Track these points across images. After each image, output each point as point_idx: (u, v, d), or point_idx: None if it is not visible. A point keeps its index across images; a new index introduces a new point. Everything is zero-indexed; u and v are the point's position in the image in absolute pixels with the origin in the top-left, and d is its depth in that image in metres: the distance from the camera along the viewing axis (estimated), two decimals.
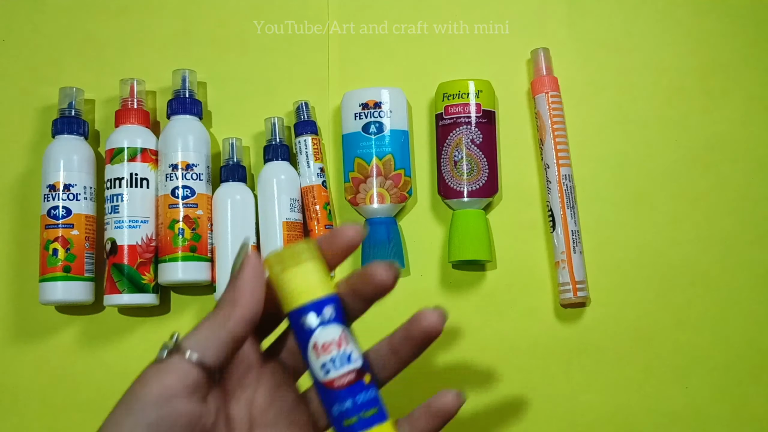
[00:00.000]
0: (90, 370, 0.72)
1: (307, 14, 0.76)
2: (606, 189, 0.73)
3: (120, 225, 0.69)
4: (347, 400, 0.39)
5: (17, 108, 0.75)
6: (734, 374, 0.69)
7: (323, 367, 0.39)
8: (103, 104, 0.75)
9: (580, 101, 0.74)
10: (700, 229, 0.72)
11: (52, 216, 0.69)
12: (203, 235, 0.69)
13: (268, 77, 0.76)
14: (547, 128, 0.71)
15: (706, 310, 0.70)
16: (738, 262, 0.71)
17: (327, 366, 0.39)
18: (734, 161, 0.72)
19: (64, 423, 0.71)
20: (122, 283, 0.68)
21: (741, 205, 0.72)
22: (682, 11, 0.75)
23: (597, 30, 0.75)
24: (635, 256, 0.71)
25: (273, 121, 0.73)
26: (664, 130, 0.73)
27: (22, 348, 0.72)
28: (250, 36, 0.76)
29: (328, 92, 0.75)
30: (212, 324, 0.38)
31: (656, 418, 0.69)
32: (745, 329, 0.70)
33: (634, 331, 0.70)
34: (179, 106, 0.71)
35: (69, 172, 0.70)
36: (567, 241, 0.69)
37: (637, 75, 0.74)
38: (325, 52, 0.76)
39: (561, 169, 0.70)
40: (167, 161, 0.70)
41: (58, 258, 0.68)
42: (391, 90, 0.72)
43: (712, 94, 0.73)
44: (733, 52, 0.74)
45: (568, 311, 0.71)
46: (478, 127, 0.71)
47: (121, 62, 0.76)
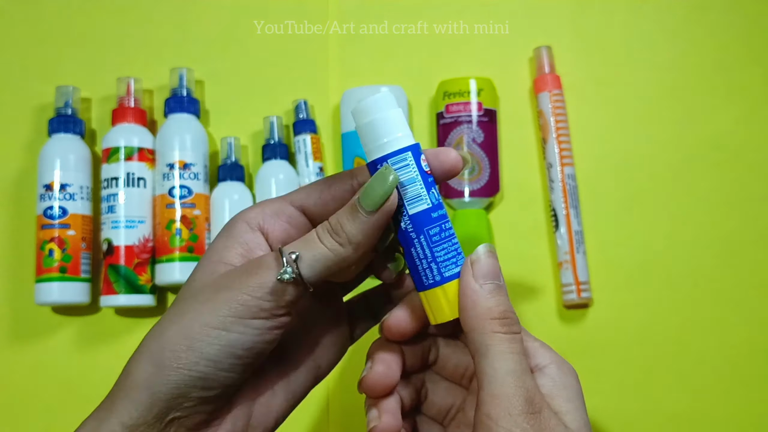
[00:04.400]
0: (86, 372, 0.71)
1: (307, 14, 0.75)
2: (609, 188, 0.72)
3: (117, 225, 0.68)
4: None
5: (13, 106, 0.75)
6: (738, 375, 0.69)
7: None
8: (99, 103, 0.75)
9: (583, 100, 0.73)
10: (704, 229, 0.71)
11: (48, 216, 0.68)
12: (201, 235, 0.69)
13: (266, 76, 0.75)
14: (549, 127, 0.70)
15: (709, 311, 0.70)
16: (742, 262, 0.70)
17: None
18: (738, 160, 0.72)
19: (60, 424, 0.70)
20: (119, 284, 0.67)
21: (745, 204, 0.71)
22: (685, 9, 0.74)
23: (600, 28, 0.74)
24: (639, 257, 0.71)
25: (271, 119, 0.72)
26: (667, 129, 0.72)
27: (17, 349, 0.71)
28: (249, 36, 0.75)
29: (328, 91, 0.75)
30: (330, 258, 0.37)
31: (659, 419, 0.68)
32: (748, 330, 0.69)
33: (638, 332, 0.70)
34: (176, 105, 0.70)
35: (65, 171, 0.69)
36: (570, 242, 0.68)
37: (640, 73, 0.73)
38: (325, 52, 0.75)
39: (564, 169, 0.69)
40: (164, 160, 0.69)
41: (54, 258, 0.68)
42: (391, 88, 0.71)
43: (715, 93, 0.73)
44: (736, 50, 0.73)
45: (572, 312, 0.70)
46: (479, 126, 0.70)
47: (117, 60, 0.75)
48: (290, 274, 0.36)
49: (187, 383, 0.35)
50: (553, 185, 0.70)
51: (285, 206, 0.40)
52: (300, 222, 0.40)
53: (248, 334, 0.36)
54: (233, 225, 0.39)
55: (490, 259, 0.38)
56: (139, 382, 0.36)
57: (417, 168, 0.38)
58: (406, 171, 0.38)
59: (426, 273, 0.38)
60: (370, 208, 0.36)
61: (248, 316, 0.36)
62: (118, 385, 0.37)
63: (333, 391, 0.70)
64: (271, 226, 0.39)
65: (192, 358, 0.35)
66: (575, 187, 0.70)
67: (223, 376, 0.36)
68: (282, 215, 0.40)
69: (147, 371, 0.36)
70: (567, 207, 0.69)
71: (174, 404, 0.35)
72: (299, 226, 0.40)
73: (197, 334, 0.36)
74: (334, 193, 0.40)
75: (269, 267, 0.36)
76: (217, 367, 0.36)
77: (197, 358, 0.35)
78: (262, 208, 0.40)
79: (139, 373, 0.36)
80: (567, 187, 0.69)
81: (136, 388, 0.36)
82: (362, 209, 0.36)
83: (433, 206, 0.38)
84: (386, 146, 0.38)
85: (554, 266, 0.70)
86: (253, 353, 0.36)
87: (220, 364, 0.36)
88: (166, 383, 0.35)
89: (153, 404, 0.35)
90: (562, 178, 0.69)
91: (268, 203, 0.40)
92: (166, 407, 0.35)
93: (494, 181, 0.70)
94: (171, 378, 0.35)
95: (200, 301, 0.37)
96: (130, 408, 0.35)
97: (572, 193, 0.69)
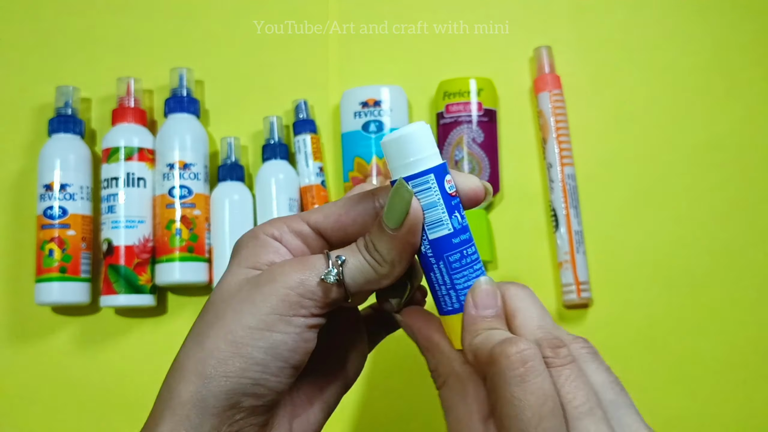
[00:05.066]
0: (86, 372, 0.71)
1: (307, 14, 0.75)
2: (609, 188, 0.72)
3: (117, 225, 0.68)
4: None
5: (13, 106, 0.75)
6: (738, 375, 0.69)
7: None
8: (99, 103, 0.75)
9: (583, 99, 0.73)
10: (704, 229, 0.71)
11: (48, 216, 0.68)
12: (201, 235, 0.69)
13: (266, 76, 0.75)
14: (549, 127, 0.70)
15: (709, 311, 0.70)
16: (742, 262, 0.70)
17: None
18: (738, 160, 0.72)
19: (60, 424, 0.70)
20: (119, 284, 0.67)
21: (745, 204, 0.71)
22: (685, 9, 0.74)
23: (600, 28, 0.74)
24: (639, 257, 0.71)
25: (272, 120, 0.72)
26: (667, 129, 0.72)
27: (18, 349, 0.71)
28: (249, 36, 0.75)
29: (328, 91, 0.75)
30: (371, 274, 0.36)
31: (659, 419, 0.68)
32: (749, 330, 0.69)
33: (638, 332, 0.69)
34: (176, 105, 0.70)
35: (65, 171, 0.69)
36: (571, 242, 0.68)
37: (640, 73, 0.73)
38: (325, 52, 0.75)
39: (564, 169, 0.69)
40: (164, 160, 0.69)
41: (54, 258, 0.68)
42: (391, 88, 0.71)
43: (715, 93, 0.73)
44: (736, 50, 0.73)
45: (572, 312, 0.70)
46: (479, 126, 0.70)
47: (117, 60, 0.75)
48: (335, 276, 0.35)
49: (237, 392, 0.34)
50: (553, 185, 0.70)
51: (302, 226, 0.39)
52: (316, 244, 0.39)
53: (290, 333, 0.35)
54: (256, 235, 0.38)
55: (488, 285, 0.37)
56: (186, 398, 0.34)
57: (439, 191, 0.36)
58: (427, 194, 0.36)
59: (444, 299, 0.37)
60: (393, 224, 0.35)
61: (290, 313, 0.35)
62: (161, 403, 0.34)
63: None
64: (289, 243, 0.38)
65: (240, 364, 0.34)
66: (575, 187, 0.70)
67: (273, 381, 0.35)
68: (299, 234, 0.38)
69: (193, 384, 0.34)
70: (567, 207, 0.69)
71: (225, 418, 0.34)
72: (314, 247, 0.39)
73: (241, 338, 0.34)
74: (355, 216, 0.38)
75: (314, 266, 0.36)
76: (266, 371, 0.34)
77: (245, 363, 0.34)
78: (282, 223, 0.39)
79: (185, 387, 0.34)
80: (567, 187, 0.69)
81: (183, 404, 0.34)
82: (387, 227, 0.36)
83: (455, 231, 0.37)
84: (410, 167, 0.36)
85: (554, 266, 0.70)
86: (297, 355, 0.35)
87: (268, 369, 0.34)
88: (215, 396, 0.34)
89: (203, 421, 0.33)
90: (562, 178, 0.69)
91: (286, 220, 0.39)
92: (218, 422, 0.34)
93: (494, 181, 0.70)
94: (221, 389, 0.34)
95: (238, 300, 0.35)
96: (179, 428, 0.33)
97: (572, 193, 0.69)
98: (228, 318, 0.35)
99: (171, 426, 0.33)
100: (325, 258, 0.36)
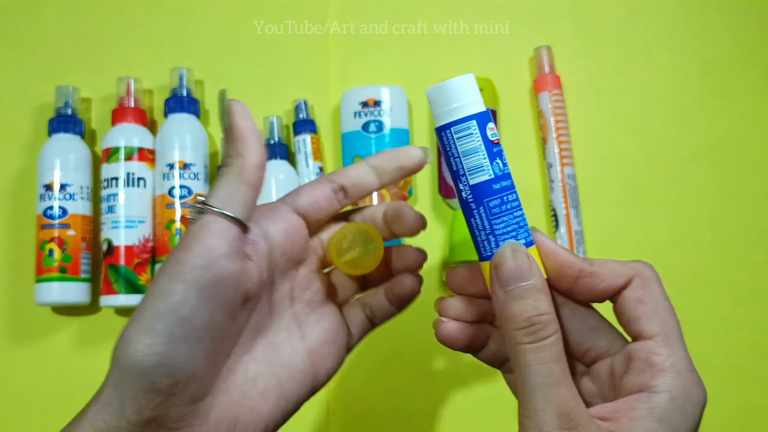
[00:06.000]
0: (86, 372, 0.71)
1: (307, 14, 0.75)
2: (609, 188, 0.72)
3: (117, 225, 0.68)
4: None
5: (13, 106, 0.75)
6: (738, 375, 0.69)
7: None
8: (99, 103, 0.75)
9: (583, 99, 0.73)
10: (704, 229, 0.71)
11: (48, 216, 0.68)
12: None
13: (266, 76, 0.75)
14: (549, 127, 0.70)
15: (709, 310, 0.70)
16: (741, 262, 0.70)
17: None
18: (738, 160, 0.72)
19: (59, 424, 0.70)
20: (119, 284, 0.67)
21: (745, 204, 0.71)
22: (685, 8, 0.74)
23: (600, 27, 0.74)
24: (638, 257, 0.70)
25: (271, 120, 0.72)
26: (667, 129, 0.72)
27: (17, 349, 0.71)
28: (249, 36, 0.75)
29: (328, 91, 0.75)
30: (228, 180, 0.37)
31: None
32: (748, 330, 0.69)
33: None
34: (176, 105, 0.70)
35: (65, 171, 0.69)
36: (571, 242, 0.68)
37: (640, 73, 0.73)
38: (325, 52, 0.75)
39: (564, 169, 0.69)
40: (164, 160, 0.69)
41: (54, 258, 0.68)
42: (391, 88, 0.71)
43: (715, 92, 0.73)
44: (736, 49, 0.73)
45: None
46: None
47: (117, 60, 0.75)
48: (195, 208, 0.36)
49: (148, 370, 0.33)
50: (553, 185, 0.70)
51: (280, 205, 0.41)
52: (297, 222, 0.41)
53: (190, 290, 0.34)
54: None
55: (511, 261, 0.36)
56: (108, 381, 0.34)
57: (481, 137, 0.37)
58: (468, 140, 0.37)
59: (484, 245, 0.38)
60: (225, 122, 0.38)
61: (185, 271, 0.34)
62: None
63: (333, 392, 0.70)
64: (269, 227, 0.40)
65: (145, 340, 0.34)
66: (575, 187, 0.70)
67: (183, 350, 0.34)
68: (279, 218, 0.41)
69: (113, 367, 0.34)
70: (567, 207, 0.69)
71: (144, 401, 0.34)
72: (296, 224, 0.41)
73: (147, 316, 0.34)
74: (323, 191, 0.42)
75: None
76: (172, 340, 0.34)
77: (149, 338, 0.34)
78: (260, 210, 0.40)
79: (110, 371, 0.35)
80: (567, 187, 0.69)
81: (106, 388, 0.34)
82: (224, 131, 0.39)
83: (496, 177, 0.37)
84: (452, 113, 0.37)
85: None
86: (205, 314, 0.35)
87: (173, 336, 0.34)
88: (129, 377, 0.34)
89: (123, 405, 0.34)
90: (562, 178, 0.69)
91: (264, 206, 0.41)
92: (138, 406, 0.34)
93: None
94: (133, 369, 0.34)
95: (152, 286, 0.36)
96: (102, 412, 0.34)
97: (572, 193, 0.69)
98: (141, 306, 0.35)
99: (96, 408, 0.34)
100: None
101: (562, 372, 0.35)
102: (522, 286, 0.36)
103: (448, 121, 0.37)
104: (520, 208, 0.38)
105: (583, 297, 0.39)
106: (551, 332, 0.35)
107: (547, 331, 0.35)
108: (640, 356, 0.36)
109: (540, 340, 0.35)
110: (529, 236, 0.38)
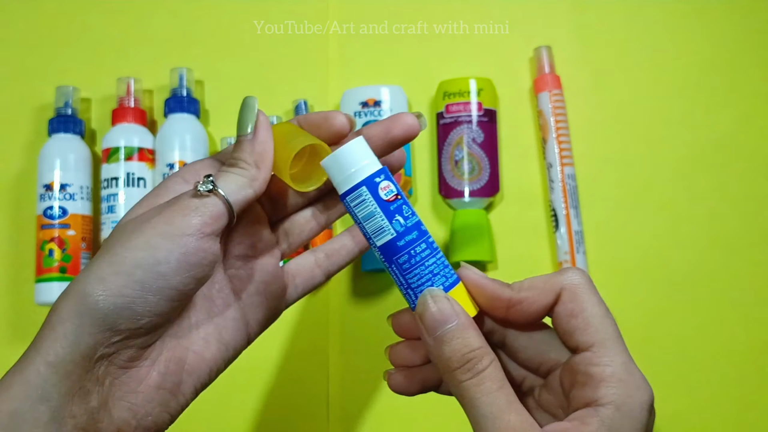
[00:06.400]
0: None
1: (307, 14, 0.75)
2: (609, 188, 0.72)
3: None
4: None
5: (13, 107, 0.75)
6: (738, 375, 0.69)
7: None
8: (99, 103, 0.75)
9: (583, 99, 0.73)
10: (704, 229, 0.71)
11: (48, 216, 0.68)
12: None
13: (266, 76, 0.75)
14: (549, 127, 0.70)
15: (709, 310, 0.70)
16: (741, 262, 0.70)
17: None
18: (738, 160, 0.72)
19: None
20: None
21: (745, 204, 0.71)
22: (685, 8, 0.74)
23: (600, 28, 0.74)
24: (639, 256, 0.71)
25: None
26: (667, 129, 0.72)
27: (18, 349, 0.70)
28: (249, 36, 0.75)
29: (328, 91, 0.75)
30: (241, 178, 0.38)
31: (659, 420, 0.68)
32: (748, 330, 0.69)
33: (638, 332, 0.69)
34: (176, 105, 0.70)
35: (65, 171, 0.69)
36: (571, 242, 0.68)
37: (640, 73, 0.73)
38: (325, 52, 0.75)
39: (564, 169, 0.69)
40: (164, 160, 0.69)
41: (54, 258, 0.68)
42: (391, 88, 0.71)
43: (715, 92, 0.73)
44: (736, 49, 0.73)
45: None
46: (479, 126, 0.70)
47: (117, 60, 0.75)
48: (207, 184, 0.37)
49: (113, 310, 0.34)
50: (553, 185, 0.70)
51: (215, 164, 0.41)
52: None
53: (174, 252, 0.35)
54: (168, 179, 0.41)
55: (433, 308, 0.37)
56: (64, 315, 0.34)
57: (375, 200, 0.38)
58: (363, 206, 0.38)
59: (407, 298, 0.39)
60: (242, 131, 0.40)
61: (176, 233, 0.36)
62: (45, 322, 0.35)
63: (333, 391, 0.70)
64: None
65: (118, 282, 0.34)
66: (575, 187, 0.70)
67: (151, 301, 0.35)
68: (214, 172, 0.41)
69: (72, 303, 0.34)
70: (567, 207, 0.69)
71: (101, 338, 0.34)
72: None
73: (124, 258, 0.35)
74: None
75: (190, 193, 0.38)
76: (144, 289, 0.35)
77: (123, 282, 0.34)
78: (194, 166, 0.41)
79: (65, 306, 0.34)
80: (567, 187, 0.69)
81: (61, 322, 0.34)
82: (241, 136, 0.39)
83: (398, 234, 0.38)
84: (345, 182, 0.38)
85: (554, 266, 0.70)
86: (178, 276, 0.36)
87: (147, 286, 0.35)
88: (91, 314, 0.34)
89: (79, 339, 0.34)
90: (562, 178, 0.69)
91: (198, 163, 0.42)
92: (94, 342, 0.34)
93: (494, 181, 0.70)
94: (97, 306, 0.34)
95: (127, 231, 0.36)
96: (56, 345, 0.34)
97: (572, 193, 0.69)
98: (115, 247, 0.36)
99: (49, 341, 0.34)
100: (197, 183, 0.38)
101: (507, 398, 0.35)
102: (448, 328, 0.36)
103: (344, 191, 0.38)
104: (434, 254, 0.38)
105: (520, 323, 0.40)
106: (487, 363, 0.36)
107: (483, 363, 0.36)
108: (580, 369, 0.37)
109: (479, 372, 0.35)
110: (451, 277, 0.39)
